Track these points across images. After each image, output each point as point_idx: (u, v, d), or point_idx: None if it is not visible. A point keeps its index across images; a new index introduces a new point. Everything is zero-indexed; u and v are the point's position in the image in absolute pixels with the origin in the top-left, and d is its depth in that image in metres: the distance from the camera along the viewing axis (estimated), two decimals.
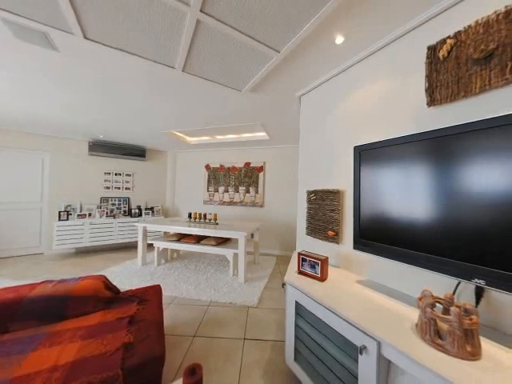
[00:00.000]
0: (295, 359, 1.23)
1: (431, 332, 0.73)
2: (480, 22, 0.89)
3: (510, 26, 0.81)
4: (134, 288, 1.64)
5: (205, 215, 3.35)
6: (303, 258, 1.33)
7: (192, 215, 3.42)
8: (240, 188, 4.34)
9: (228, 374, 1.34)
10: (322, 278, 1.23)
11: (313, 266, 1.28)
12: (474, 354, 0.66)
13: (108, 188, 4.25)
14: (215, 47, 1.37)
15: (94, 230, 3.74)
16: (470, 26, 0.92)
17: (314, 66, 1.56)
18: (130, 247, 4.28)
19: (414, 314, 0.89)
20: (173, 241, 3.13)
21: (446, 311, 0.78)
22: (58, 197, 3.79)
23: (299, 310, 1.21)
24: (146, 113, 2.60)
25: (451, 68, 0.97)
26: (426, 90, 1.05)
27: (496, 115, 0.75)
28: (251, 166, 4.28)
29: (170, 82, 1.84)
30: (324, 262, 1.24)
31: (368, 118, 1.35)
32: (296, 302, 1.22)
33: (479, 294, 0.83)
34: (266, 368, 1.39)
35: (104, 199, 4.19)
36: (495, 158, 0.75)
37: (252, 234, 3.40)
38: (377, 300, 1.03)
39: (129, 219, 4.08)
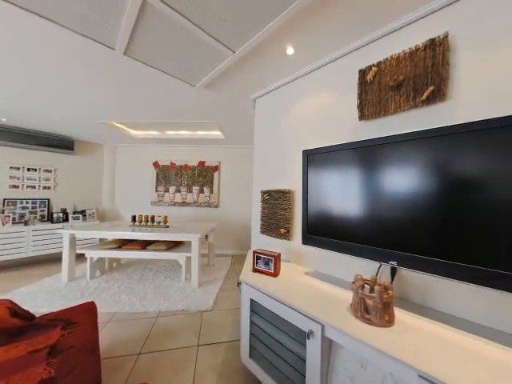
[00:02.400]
0: (250, 356, 1.25)
1: (361, 309, 0.87)
2: (394, 57, 1.11)
3: (412, 64, 1.05)
4: (57, 310, 1.33)
5: (153, 218, 3.04)
6: (258, 256, 1.37)
7: (137, 218, 3.04)
8: (194, 188, 4.13)
9: None
10: (275, 274, 1.30)
11: (267, 263, 1.33)
12: (390, 322, 0.83)
13: (16, 187, 3.33)
14: (166, 35, 1.26)
15: None
16: (387, 59, 1.14)
17: (268, 72, 1.63)
18: (52, 260, 3.47)
19: (349, 296, 1.05)
20: (112, 248, 2.71)
21: (372, 290, 0.95)
22: None
23: (254, 307, 1.24)
24: (73, 97, 2.16)
25: (375, 90, 1.18)
26: (357, 107, 1.25)
27: (402, 132, 0.96)
28: (206, 165, 4.14)
29: (108, 65, 1.59)
30: (277, 258, 1.32)
31: (315, 125, 1.51)
32: (251, 300, 1.25)
33: (393, 272, 1.05)
34: (221, 370, 1.37)
35: (10, 201, 3.25)
36: (403, 165, 0.95)
37: (206, 236, 3.29)
38: (321, 288, 1.16)
39: (49, 226, 3.31)
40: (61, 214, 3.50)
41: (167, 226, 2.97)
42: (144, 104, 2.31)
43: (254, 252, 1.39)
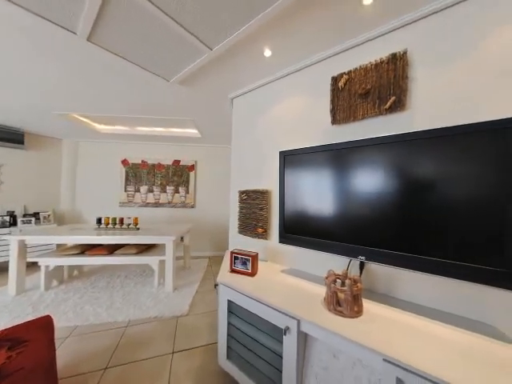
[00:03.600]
0: (228, 357, 1.24)
1: (334, 302, 0.92)
2: (362, 67, 1.20)
3: (378, 74, 1.15)
4: (2, 328, 1.15)
5: (121, 220, 2.82)
6: (235, 256, 1.36)
7: (103, 221, 2.79)
8: (168, 188, 3.93)
9: None
10: (253, 273, 1.31)
11: (244, 263, 1.33)
12: (359, 312, 0.90)
13: None
14: (136, 25, 1.18)
15: None
16: (356, 68, 1.23)
17: (246, 72, 1.63)
18: None
19: (323, 291, 1.10)
20: (72, 255, 2.44)
21: (343, 284, 1.01)
22: None
23: (231, 307, 1.23)
24: (24, 82, 1.89)
25: (346, 97, 1.26)
26: (330, 111, 1.33)
27: (368, 137, 1.05)
28: (181, 164, 3.98)
29: (68, 50, 1.43)
30: (254, 257, 1.32)
31: (291, 127, 1.56)
32: (228, 301, 1.23)
33: (362, 267, 1.13)
34: (197, 375, 1.33)
35: None
36: (369, 167, 1.04)
37: (182, 237, 3.16)
38: (297, 285, 1.20)
39: None
40: (7, 218, 3.04)
41: (138, 229, 2.78)
42: (112, 96, 2.12)
43: (232, 252, 1.38)
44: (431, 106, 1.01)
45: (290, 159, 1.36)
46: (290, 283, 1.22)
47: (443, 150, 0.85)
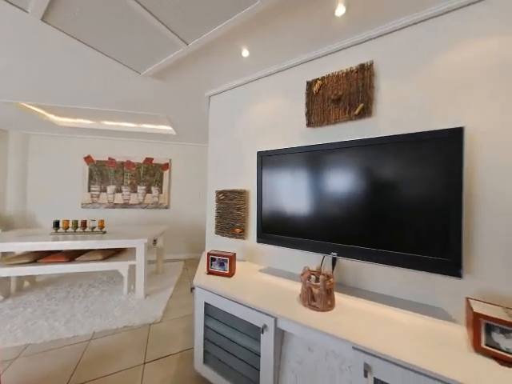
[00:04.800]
0: (204, 362, 1.21)
1: (309, 298, 0.96)
2: (335, 74, 1.28)
3: (348, 82, 1.23)
4: None
5: (84, 223, 2.55)
6: (212, 258, 1.34)
7: (61, 224, 2.49)
8: (139, 187, 3.68)
9: None
10: (230, 274, 1.30)
11: (222, 264, 1.31)
12: (332, 305, 0.95)
13: None
14: (102, 9, 1.08)
15: None
16: (329, 75, 1.30)
17: (223, 71, 1.61)
18: None
19: (299, 288, 1.14)
20: (21, 264, 2.13)
21: (317, 279, 1.06)
22: None
23: (208, 310, 1.20)
24: None
25: (320, 102, 1.33)
26: (305, 114, 1.38)
27: (339, 140, 1.12)
28: (154, 162, 3.75)
29: (19, 31, 1.24)
30: (232, 258, 1.31)
31: (268, 128, 1.58)
32: (205, 303, 1.20)
33: (334, 262, 1.20)
34: (172, 383, 1.27)
35: None
36: (340, 168, 1.10)
37: (155, 240, 2.98)
38: (274, 283, 1.23)
39: None
40: None
41: (104, 232, 2.55)
42: (73, 86, 1.91)
43: (209, 254, 1.35)
44: (393, 114, 1.11)
45: (267, 159, 1.38)
46: (267, 282, 1.24)
47: (399, 154, 0.95)
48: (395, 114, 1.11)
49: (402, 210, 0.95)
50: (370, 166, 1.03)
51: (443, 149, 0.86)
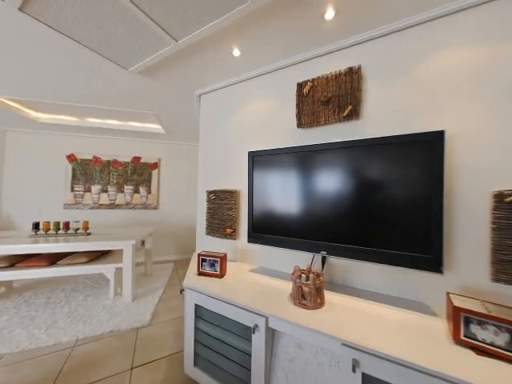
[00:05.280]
0: (195, 364, 1.19)
1: (299, 296, 0.97)
2: (324, 76, 1.30)
3: (337, 85, 1.25)
4: None
5: (67, 224, 2.44)
6: (203, 259, 1.32)
7: (41, 226, 2.37)
8: (126, 187, 3.57)
9: None
10: (221, 275, 1.29)
11: (212, 265, 1.30)
12: (322, 303, 0.97)
13: None
14: (86, 0, 1.04)
15: None
16: (319, 77, 1.32)
17: (214, 70, 1.60)
18: None
19: (290, 287, 1.15)
20: None
21: (307, 278, 1.07)
22: None
23: (199, 312, 1.19)
24: None
25: (310, 103, 1.35)
26: (296, 115, 1.39)
27: (328, 141, 1.14)
28: (142, 161, 3.65)
29: None
30: (223, 258, 1.30)
31: (260, 128, 1.58)
32: (195, 305, 1.18)
33: (324, 261, 1.22)
34: None
35: None
36: (330, 169, 1.13)
37: (143, 242, 2.90)
38: (265, 283, 1.23)
39: None
40: None
41: (89, 234, 2.45)
42: (54, 80, 1.82)
43: (199, 254, 1.33)
44: (380, 116, 1.15)
45: (258, 160, 1.38)
46: (258, 282, 1.24)
47: (385, 156, 0.99)
48: (382, 116, 1.15)
49: (387, 209, 0.98)
50: (357, 167, 1.06)
51: (426, 151, 0.90)
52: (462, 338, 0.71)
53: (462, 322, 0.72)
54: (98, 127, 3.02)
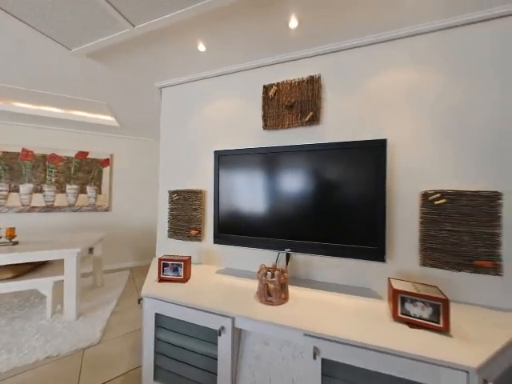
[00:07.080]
0: (155, 378, 1.10)
1: (265, 294, 1.00)
2: (288, 82, 1.37)
3: (300, 91, 1.33)
4: None
5: None
6: (165, 263, 1.23)
7: None
8: (69, 187, 3.06)
9: None
10: (185, 279, 1.22)
11: (175, 269, 1.22)
12: (286, 299, 1.01)
13: None
14: None
15: None
16: (284, 82, 1.38)
17: (177, 63, 1.50)
18: None
19: (256, 285, 1.17)
20: None
21: (273, 275, 1.11)
22: None
23: (160, 321, 1.10)
24: None
25: (275, 106, 1.40)
26: (262, 117, 1.43)
27: (291, 144, 1.21)
28: (90, 157, 3.19)
29: None
30: (187, 262, 1.24)
31: (227, 127, 1.56)
32: (156, 314, 1.10)
33: (288, 258, 1.28)
34: None
35: None
36: (292, 170, 1.19)
37: (91, 249, 2.54)
38: (232, 283, 1.22)
39: None
40: None
41: (15, 243, 2.01)
42: None
43: (160, 259, 1.24)
44: (337, 123, 1.27)
45: (224, 159, 1.36)
46: (224, 283, 1.22)
47: (339, 159, 1.10)
48: (338, 123, 1.27)
49: (341, 207, 1.09)
50: (316, 168, 1.15)
51: (373, 156, 1.04)
52: (400, 315, 0.84)
53: (399, 301, 0.85)
54: (30, 114, 2.51)
